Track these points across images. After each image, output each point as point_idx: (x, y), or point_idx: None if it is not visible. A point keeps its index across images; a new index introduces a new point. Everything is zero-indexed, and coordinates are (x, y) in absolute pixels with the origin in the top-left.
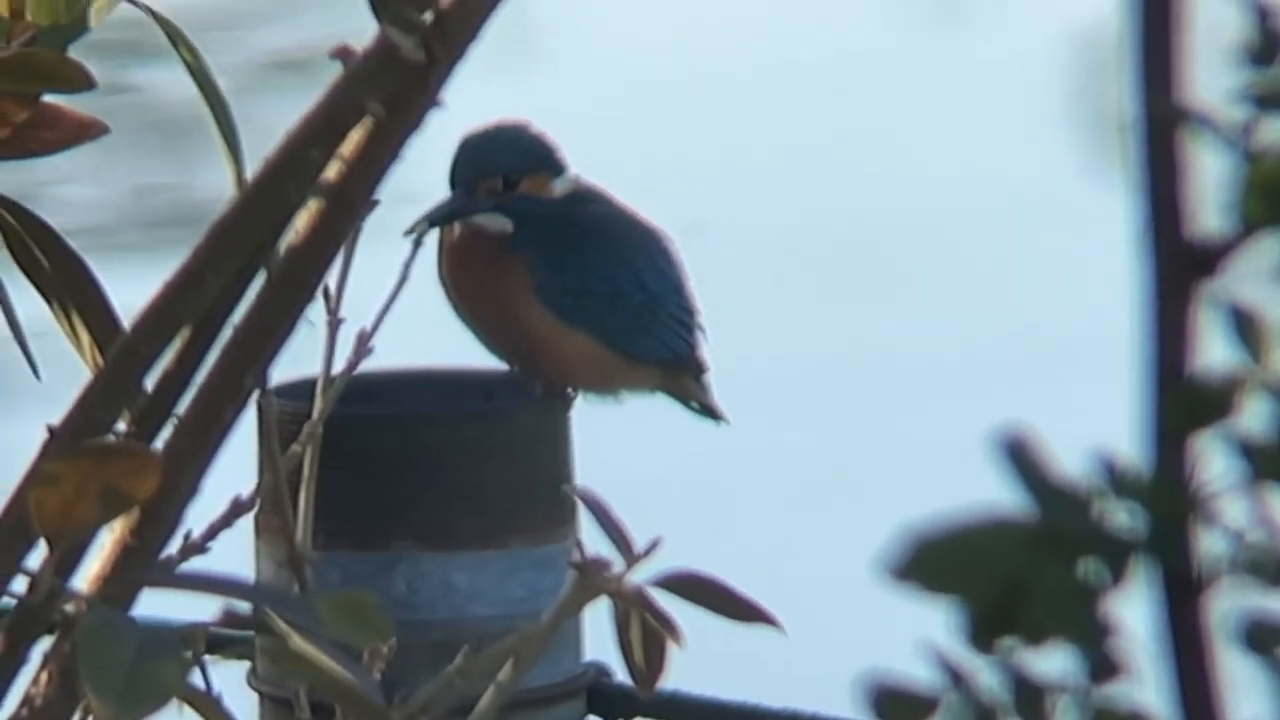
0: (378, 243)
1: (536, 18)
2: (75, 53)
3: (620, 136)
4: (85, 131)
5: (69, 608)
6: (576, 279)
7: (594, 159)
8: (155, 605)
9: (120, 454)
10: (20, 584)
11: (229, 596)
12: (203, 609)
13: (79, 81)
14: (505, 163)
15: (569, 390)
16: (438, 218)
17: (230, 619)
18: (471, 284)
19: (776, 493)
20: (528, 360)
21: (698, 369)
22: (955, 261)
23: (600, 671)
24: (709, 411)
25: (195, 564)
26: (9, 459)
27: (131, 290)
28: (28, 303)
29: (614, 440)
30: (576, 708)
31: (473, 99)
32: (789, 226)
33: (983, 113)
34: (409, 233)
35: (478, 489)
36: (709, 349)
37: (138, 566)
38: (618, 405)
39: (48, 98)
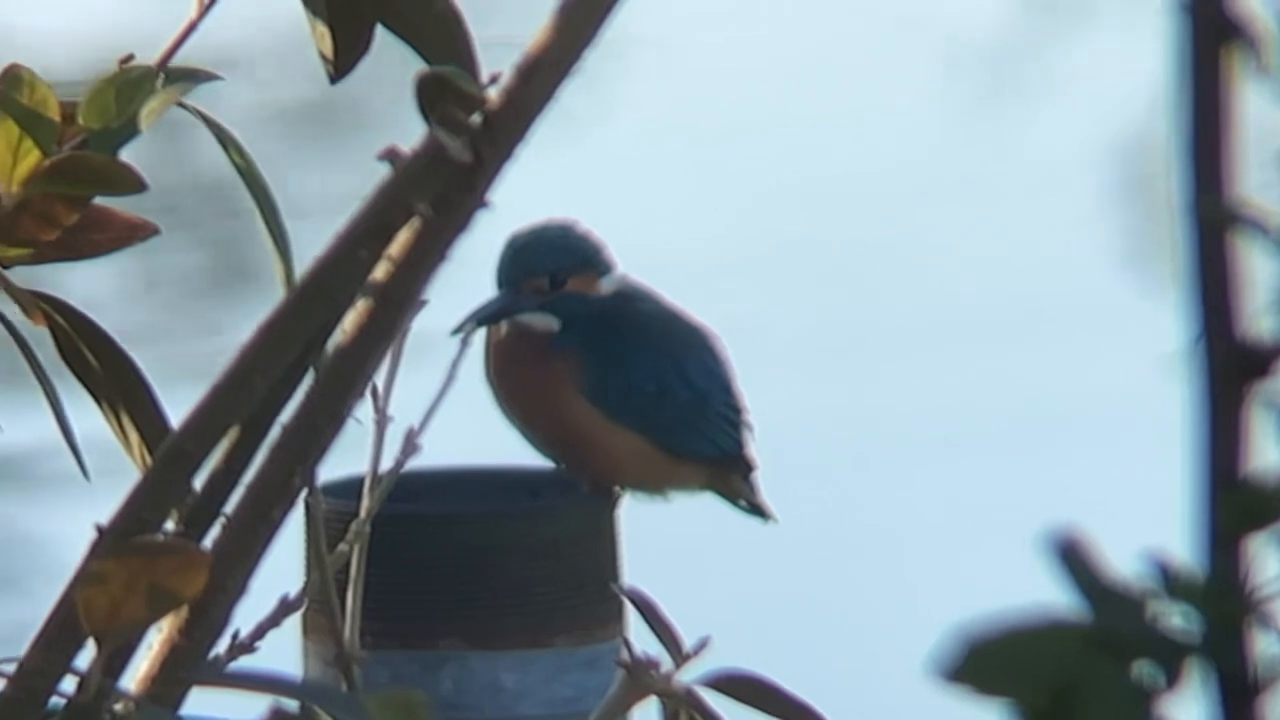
0: (425, 342)
1: (581, 110)
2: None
3: (666, 232)
4: (135, 233)
5: (118, 708)
6: (623, 377)
7: (639, 254)
8: (204, 704)
9: (169, 552)
10: (69, 683)
11: (277, 695)
12: (251, 708)
13: (130, 184)
14: (551, 261)
15: (616, 488)
16: (484, 317)
17: (279, 717)
18: (518, 383)
19: (827, 588)
20: (574, 458)
21: (746, 467)
22: (995, 353)
23: None
24: (757, 510)
25: (243, 663)
26: (60, 560)
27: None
28: (77, 403)
29: (662, 538)
30: None
31: (516, 192)
32: (831, 318)
33: (1027, 211)
34: (456, 332)
35: (524, 588)
36: (756, 447)
37: (186, 666)
38: (665, 503)
39: (98, 200)
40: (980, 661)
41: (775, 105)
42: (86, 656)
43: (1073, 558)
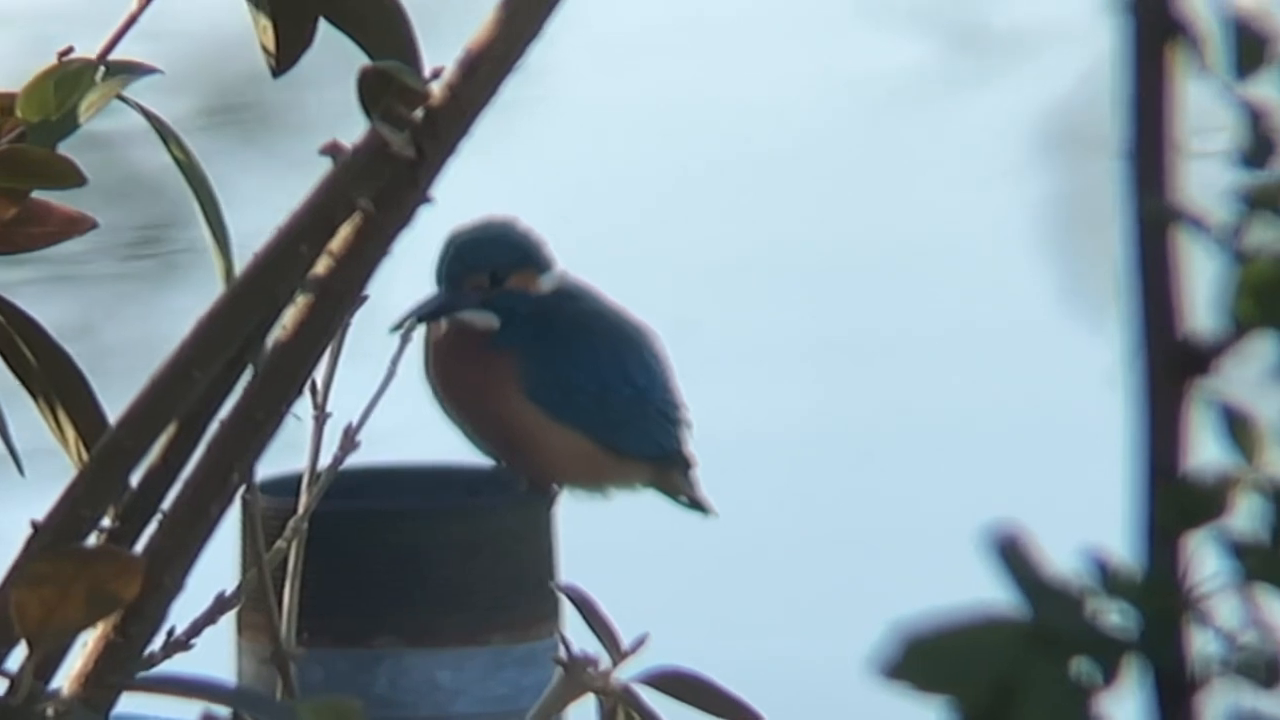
0: (365, 338)
1: (520, 108)
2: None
3: (603, 230)
4: (74, 227)
5: (49, 711)
6: (564, 375)
7: (577, 252)
8: (137, 705)
9: (103, 558)
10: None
11: (210, 701)
12: (184, 709)
13: (70, 178)
14: (492, 259)
15: (554, 486)
16: (424, 314)
17: None
18: (458, 380)
19: (765, 582)
20: (514, 456)
21: (685, 464)
22: (930, 363)
23: None
24: (697, 505)
25: (178, 661)
26: None
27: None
28: (12, 400)
29: (599, 535)
30: None
31: (456, 188)
32: (778, 318)
33: (961, 205)
34: (396, 328)
35: (462, 585)
36: (694, 443)
37: (121, 663)
38: (605, 501)
39: (36, 194)
40: (920, 658)
41: (710, 90)
42: (18, 657)
43: (1012, 555)
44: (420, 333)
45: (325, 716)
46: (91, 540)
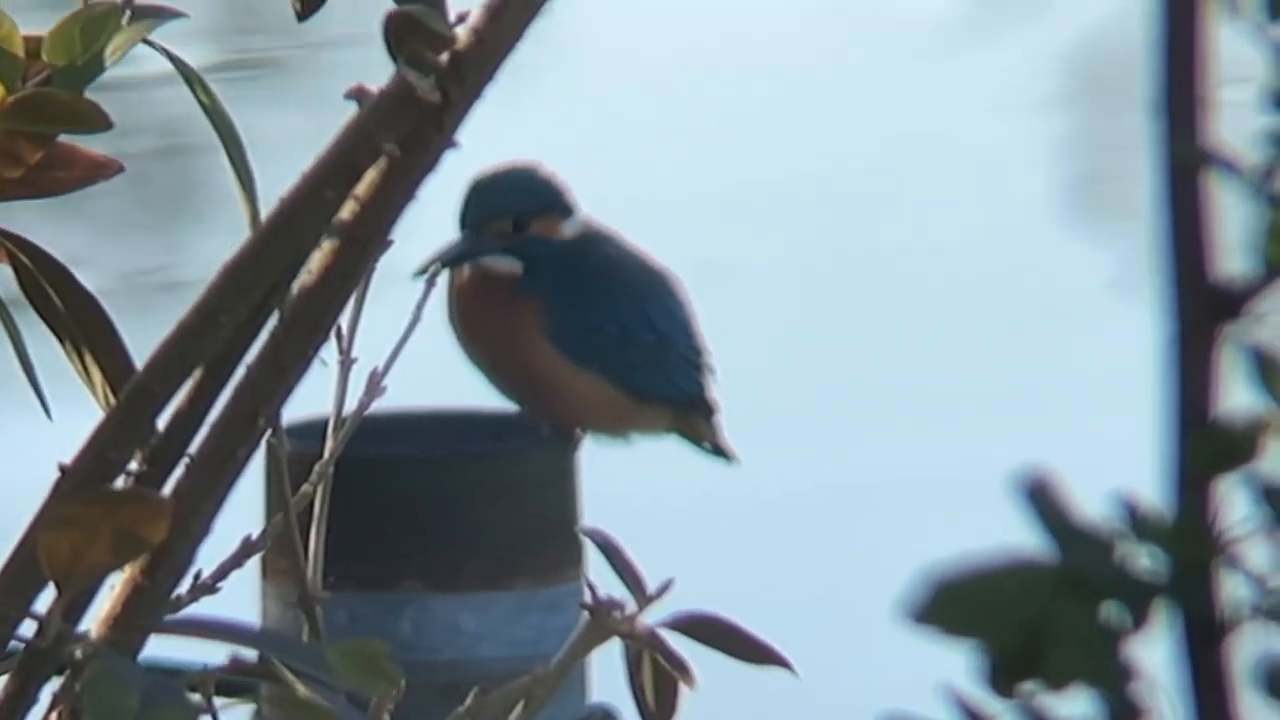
0: (390, 283)
1: (547, 53)
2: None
3: (627, 177)
4: (100, 171)
5: (77, 653)
6: (586, 320)
7: (602, 198)
8: (164, 647)
9: (132, 500)
10: (29, 625)
11: (237, 644)
12: (212, 650)
13: (96, 122)
14: (515, 204)
15: (578, 431)
16: (448, 259)
17: (237, 666)
18: (481, 325)
19: (791, 531)
20: (537, 401)
21: (708, 409)
22: (968, 299)
23: (605, 714)
24: (720, 451)
25: (205, 604)
26: (22, 499)
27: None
28: (39, 342)
29: (624, 480)
30: None
31: (484, 133)
32: (794, 264)
33: (991, 164)
34: (419, 274)
35: (486, 530)
36: (718, 389)
37: (148, 606)
38: (627, 446)
39: (63, 137)
40: (949, 602)
41: (735, 31)
42: (46, 599)
43: (1042, 499)
44: (444, 278)
45: (353, 659)
46: (119, 484)
